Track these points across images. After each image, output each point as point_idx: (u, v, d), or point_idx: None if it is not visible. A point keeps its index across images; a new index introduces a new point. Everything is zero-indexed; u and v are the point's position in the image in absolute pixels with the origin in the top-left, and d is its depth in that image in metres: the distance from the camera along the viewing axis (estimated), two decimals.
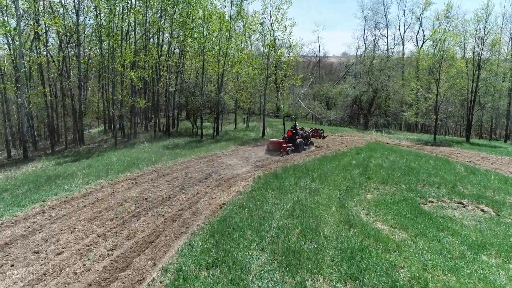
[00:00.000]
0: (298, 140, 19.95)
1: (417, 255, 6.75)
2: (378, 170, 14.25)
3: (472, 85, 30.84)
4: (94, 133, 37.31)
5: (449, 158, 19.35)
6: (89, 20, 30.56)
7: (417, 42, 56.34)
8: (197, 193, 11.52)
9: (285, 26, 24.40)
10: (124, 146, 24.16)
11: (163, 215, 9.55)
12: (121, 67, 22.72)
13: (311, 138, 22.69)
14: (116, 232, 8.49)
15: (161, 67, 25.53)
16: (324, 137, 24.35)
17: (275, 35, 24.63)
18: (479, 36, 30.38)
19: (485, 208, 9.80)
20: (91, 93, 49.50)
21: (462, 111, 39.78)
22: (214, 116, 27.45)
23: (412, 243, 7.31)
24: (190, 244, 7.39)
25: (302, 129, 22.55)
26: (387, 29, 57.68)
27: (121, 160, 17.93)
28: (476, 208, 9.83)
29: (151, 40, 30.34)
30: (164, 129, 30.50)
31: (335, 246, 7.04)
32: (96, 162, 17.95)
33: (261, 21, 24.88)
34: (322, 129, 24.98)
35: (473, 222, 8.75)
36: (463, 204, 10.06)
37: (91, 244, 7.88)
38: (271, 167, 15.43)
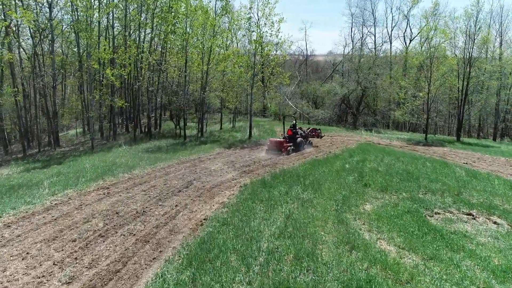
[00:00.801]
0: (299, 139, 19.61)
1: (434, 287, 5.63)
2: (375, 175, 13.18)
3: (463, 83, 30.23)
4: (72, 135, 35.48)
5: (445, 159, 18.49)
6: (65, 15, 28.75)
7: (404, 40, 55.89)
8: (176, 205, 10.22)
9: (272, 22, 23.22)
10: (101, 150, 22.61)
11: (134, 234, 8.23)
12: (98, 64, 21.13)
13: (309, 138, 22.34)
14: (76, 258, 7.14)
15: (141, 64, 24.02)
16: (321, 137, 24.28)
17: (262, 31, 23.44)
18: (469, 33, 29.76)
19: (498, 220, 8.79)
20: (71, 92, 47.48)
21: (451, 110, 39.31)
22: (199, 117, 26.08)
23: (426, 269, 6.19)
24: (162, 276, 6.11)
25: (300, 128, 22.13)
26: (374, 27, 57.03)
27: (95, 166, 16.45)
28: (488, 220, 8.81)
29: (132, 36, 28.77)
30: (146, 130, 28.98)
31: (336, 277, 5.85)
32: (68, 169, 16.44)
33: (248, 16, 23.63)
34: (319, 129, 24.85)
35: (489, 238, 7.70)
36: (473, 216, 9.03)
37: (43, 276, 6.53)
38: (259, 172, 14.21)
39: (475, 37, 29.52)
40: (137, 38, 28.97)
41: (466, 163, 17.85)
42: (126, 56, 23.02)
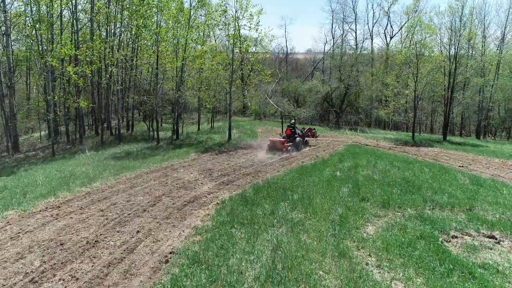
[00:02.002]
0: (298, 139, 19.49)
1: None
2: (371, 185, 11.61)
3: (449, 81, 29.29)
4: (36, 138, 32.64)
5: (439, 162, 17.19)
6: (23, 7, 26.02)
7: (385, 37, 55.17)
8: (138, 231, 8.30)
9: (251, 14, 21.38)
10: (63, 156, 20.29)
11: (77, 278, 6.30)
12: (57, 61, 18.79)
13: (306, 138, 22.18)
14: None
15: (107, 61, 21.77)
16: (317, 136, 24.20)
17: (240, 24, 21.58)
18: (454, 29, 28.82)
19: None
20: (37, 92, 44.25)
21: (435, 107, 38.56)
22: (173, 118, 24.04)
23: None
24: None
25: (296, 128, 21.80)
26: (355, 23, 55.94)
27: (50, 177, 14.27)
28: None
29: (99, 31, 26.36)
30: (116, 133, 26.66)
31: None
32: (17, 181, 14.19)
33: (224, 7, 21.66)
34: (314, 128, 24.95)
35: None
36: (496, 239, 7.53)
37: None
38: (239, 183, 12.41)
39: (461, 32, 28.60)
40: (106, 33, 26.60)
41: (462, 166, 16.60)
42: (90, 52, 20.70)
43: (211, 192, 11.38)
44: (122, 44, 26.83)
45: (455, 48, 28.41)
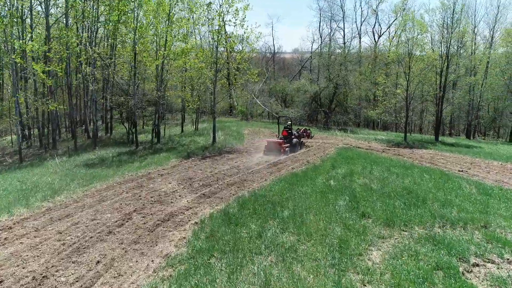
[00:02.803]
0: (294, 140, 19.28)
1: None
2: (370, 196, 10.38)
3: (441, 79, 28.44)
4: (8, 142, 30.59)
5: (437, 166, 16.13)
6: None
7: (373, 35, 54.50)
8: (99, 261, 6.88)
9: (237, 9, 19.98)
10: (31, 163, 18.58)
11: None
12: (20, 58, 17.08)
13: (302, 139, 22.02)
14: None
15: (81, 59, 20.10)
16: (311, 137, 23.90)
17: (224, 20, 20.13)
18: (446, 26, 27.97)
19: None
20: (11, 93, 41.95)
21: (425, 107, 37.80)
22: (153, 120, 22.49)
23: None
24: None
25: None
26: (343, 21, 55.16)
27: (9, 189, 12.66)
28: None
29: (75, 26, 24.61)
30: (94, 136, 24.91)
31: None
32: None
33: (207, 1, 20.19)
34: (309, 129, 24.92)
35: None
36: None
37: None
38: (222, 196, 11.04)
39: (453, 30, 27.76)
40: (82, 29, 24.88)
41: (462, 170, 15.57)
42: (62, 48, 19.00)
43: (190, 207, 9.98)
44: (100, 41, 25.11)
45: (447, 46, 27.56)
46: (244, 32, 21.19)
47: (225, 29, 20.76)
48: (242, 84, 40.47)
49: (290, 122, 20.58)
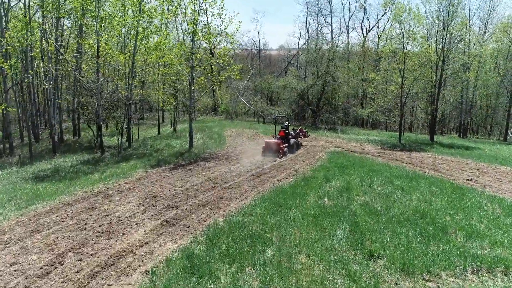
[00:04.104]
0: (292, 140, 18.70)
1: None
2: (375, 223, 8.28)
3: (436, 75, 26.64)
4: None
5: (441, 174, 14.18)
6: None
7: (362, 30, 52.71)
8: None
9: None
10: None
11: None
12: None
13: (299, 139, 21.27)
14: None
15: (33, 54, 17.48)
16: (307, 136, 23.49)
17: (201, 8, 17.76)
18: (443, 19, 26.15)
19: None
20: None
21: (414, 105, 36.17)
22: (121, 122, 19.98)
23: None
24: None
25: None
26: (331, 16, 53.47)
27: None
28: None
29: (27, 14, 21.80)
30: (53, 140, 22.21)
31: None
32: None
33: None
34: (305, 128, 24.67)
35: None
36: None
37: None
38: (190, 223, 8.75)
39: (450, 22, 25.95)
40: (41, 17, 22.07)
41: (471, 179, 13.67)
42: (11, 40, 16.36)
43: (146, 242, 7.68)
44: (60, 34, 22.38)
45: (443, 39, 25.76)
46: (222, 22, 18.79)
47: (198, 18, 18.20)
48: (223, 81, 38.13)
49: (287, 122, 19.74)
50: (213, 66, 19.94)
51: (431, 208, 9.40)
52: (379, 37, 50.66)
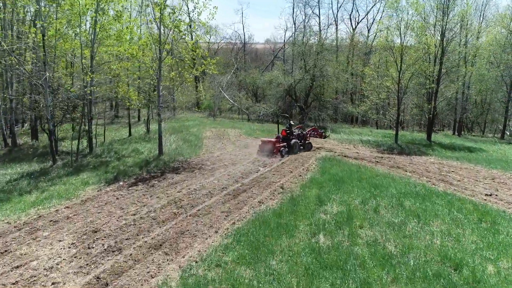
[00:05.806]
0: (293, 140, 18.03)
1: None
2: (392, 279, 5.81)
3: (434, 70, 24.41)
4: None
5: (454, 188, 11.84)
6: None
7: (351, 22, 50.36)
8: None
9: None
10: None
11: None
12: None
13: (310, 139, 20.80)
14: None
15: None
16: (325, 137, 22.44)
17: None
18: (442, 7, 23.89)
19: None
20: None
21: (413, 101, 34.03)
22: (79, 125, 17.07)
23: None
24: None
25: (301, 127, 21.60)
26: (318, 7, 51.02)
27: None
28: None
29: None
30: (13, 143, 19.25)
31: None
32: None
33: None
34: (323, 129, 23.73)
35: None
36: None
37: None
38: (130, 282, 6.14)
39: (449, 11, 23.71)
40: None
41: (491, 194, 11.40)
42: None
43: None
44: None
45: (442, 29, 23.51)
46: (195, 7, 15.99)
47: (177, 7, 15.41)
48: (207, 76, 35.36)
49: (291, 122, 19.32)
50: (186, 59, 17.10)
51: (462, 249, 6.99)
52: (368, 29, 48.53)
